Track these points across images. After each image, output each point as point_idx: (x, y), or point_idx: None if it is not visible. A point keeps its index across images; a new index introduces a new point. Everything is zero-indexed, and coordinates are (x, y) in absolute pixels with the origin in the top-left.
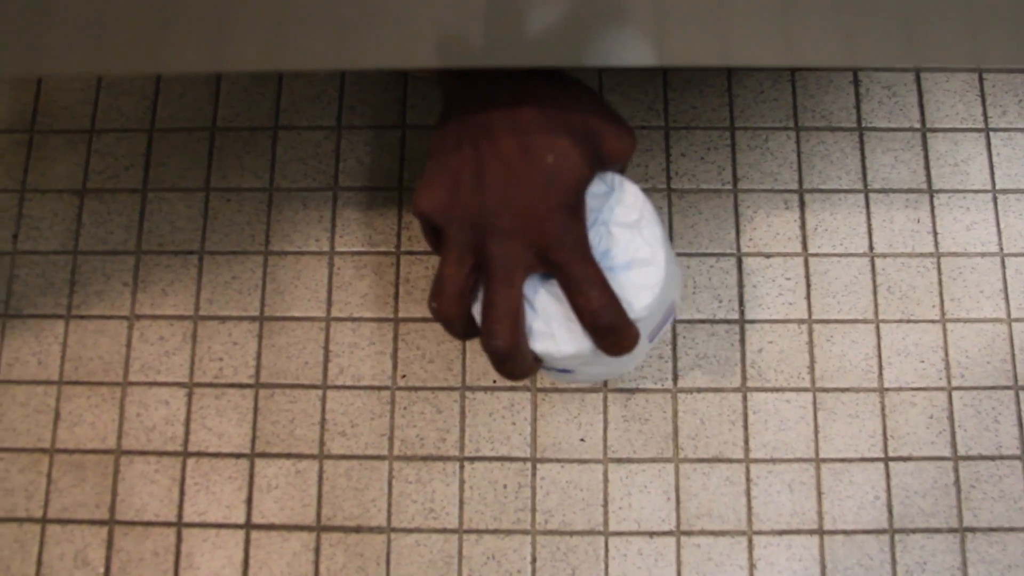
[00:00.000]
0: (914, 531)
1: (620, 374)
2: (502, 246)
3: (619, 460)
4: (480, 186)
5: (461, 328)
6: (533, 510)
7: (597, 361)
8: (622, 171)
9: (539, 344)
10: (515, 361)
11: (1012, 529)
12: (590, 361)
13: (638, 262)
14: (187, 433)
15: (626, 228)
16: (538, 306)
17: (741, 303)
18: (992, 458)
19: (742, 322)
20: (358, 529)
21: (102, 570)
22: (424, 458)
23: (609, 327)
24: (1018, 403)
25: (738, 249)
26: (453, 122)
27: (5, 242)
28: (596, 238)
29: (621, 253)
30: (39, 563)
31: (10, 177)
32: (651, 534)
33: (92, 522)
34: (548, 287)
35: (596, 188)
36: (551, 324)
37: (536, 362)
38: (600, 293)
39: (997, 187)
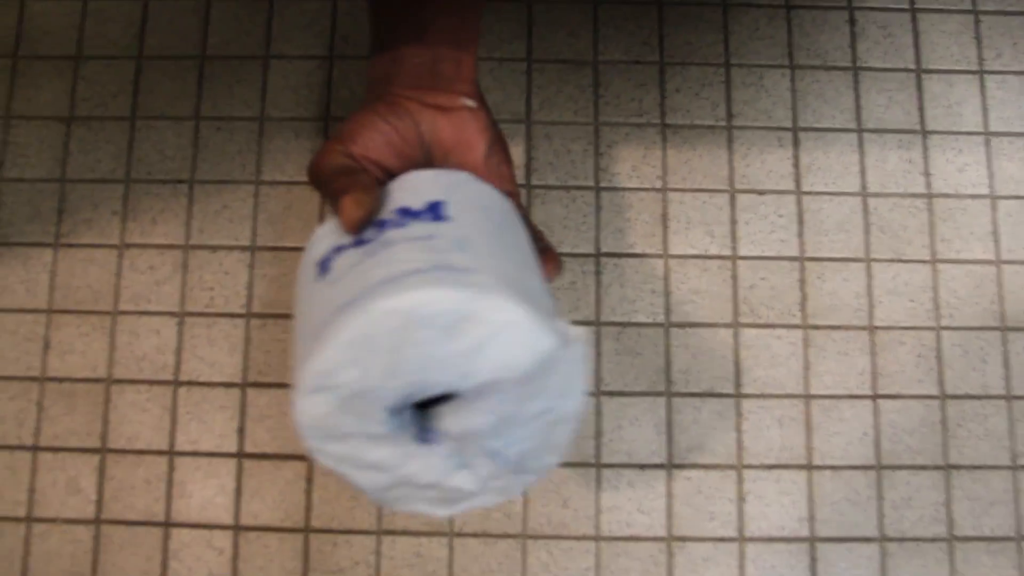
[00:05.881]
0: (900, 468)
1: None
2: None
3: (611, 393)
4: None
5: None
6: None
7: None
8: None
9: None
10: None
11: (996, 467)
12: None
13: None
14: (178, 362)
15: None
16: None
17: (734, 239)
18: (978, 397)
19: (735, 258)
20: None
21: (94, 497)
22: None
23: None
24: (1005, 344)
25: (731, 185)
26: None
27: None
28: None
29: None
30: (32, 490)
31: None
32: (642, 466)
33: (84, 450)
34: None
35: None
36: None
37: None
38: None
39: (990, 129)
